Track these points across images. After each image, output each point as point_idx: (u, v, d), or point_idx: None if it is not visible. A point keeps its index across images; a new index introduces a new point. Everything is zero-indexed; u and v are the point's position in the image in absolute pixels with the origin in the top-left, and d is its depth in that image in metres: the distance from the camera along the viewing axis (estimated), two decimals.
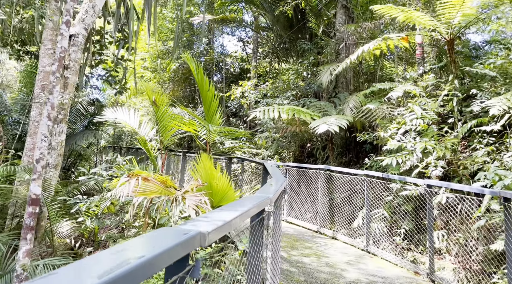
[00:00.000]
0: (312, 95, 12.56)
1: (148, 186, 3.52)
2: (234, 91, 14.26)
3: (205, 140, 6.93)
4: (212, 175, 4.11)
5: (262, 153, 13.02)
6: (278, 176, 4.00)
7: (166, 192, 3.67)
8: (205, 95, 5.34)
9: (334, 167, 8.31)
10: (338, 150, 11.34)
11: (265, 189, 3.04)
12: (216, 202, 4.22)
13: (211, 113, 5.39)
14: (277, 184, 3.39)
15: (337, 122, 8.62)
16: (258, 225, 2.62)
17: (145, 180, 3.59)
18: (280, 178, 3.75)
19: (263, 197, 2.58)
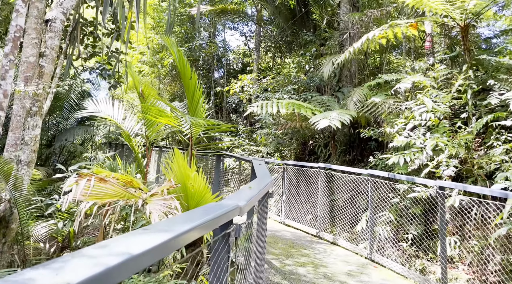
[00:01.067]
0: (314, 89, 11.88)
1: (103, 188, 2.90)
2: (233, 86, 13.61)
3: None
4: (187, 174, 3.49)
5: (262, 150, 12.37)
6: (263, 177, 3.36)
7: (127, 195, 3.04)
8: (187, 84, 4.72)
9: (335, 166, 7.65)
10: (341, 148, 10.67)
11: (238, 195, 2.41)
12: (192, 207, 3.60)
13: (194, 105, 4.77)
14: (258, 187, 2.75)
15: (339, 117, 7.96)
16: (221, 243, 1.98)
17: (100, 180, 2.97)
18: (263, 180, 3.12)
19: (228, 206, 1.95)
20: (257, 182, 3.05)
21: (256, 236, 3.23)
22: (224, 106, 18.45)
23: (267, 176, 3.48)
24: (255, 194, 2.43)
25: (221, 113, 19.00)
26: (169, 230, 1.33)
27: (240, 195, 2.37)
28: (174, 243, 1.22)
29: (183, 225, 1.42)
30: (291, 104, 9.21)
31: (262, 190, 2.80)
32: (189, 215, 1.68)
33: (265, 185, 2.89)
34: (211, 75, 19.29)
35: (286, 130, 11.58)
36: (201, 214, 1.83)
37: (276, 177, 9.72)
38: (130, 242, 1.11)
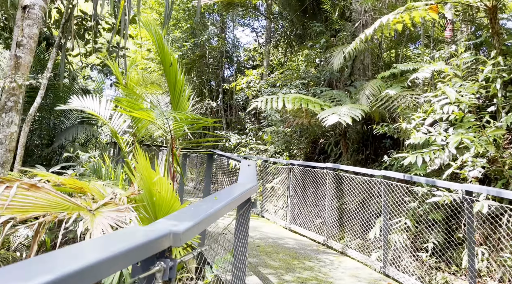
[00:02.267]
0: (325, 84, 11.10)
1: (30, 198, 2.26)
2: (240, 82, 12.92)
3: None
4: (151, 178, 2.82)
5: (269, 150, 11.66)
6: (242, 183, 2.67)
7: (65, 206, 2.39)
8: (168, 72, 4.06)
9: (344, 166, 6.89)
10: (353, 146, 9.88)
11: (186, 211, 1.72)
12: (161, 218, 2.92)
13: (176, 96, 4.10)
14: (226, 198, 2.05)
15: (350, 112, 7.20)
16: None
17: (31, 187, 2.32)
18: (238, 188, 2.44)
19: (151, 234, 1.26)
20: (228, 191, 2.35)
21: (233, 265, 2.54)
22: (233, 104, 17.82)
23: (250, 181, 2.79)
24: (214, 210, 1.73)
25: (230, 111, 18.36)
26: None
27: (189, 212, 1.67)
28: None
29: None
30: (298, 99, 8.48)
31: (232, 201, 2.10)
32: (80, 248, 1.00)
33: (239, 194, 2.20)
34: (219, 72, 18.65)
35: (294, 128, 10.85)
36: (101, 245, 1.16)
37: (283, 177, 9.00)
38: None
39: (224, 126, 17.44)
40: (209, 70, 18.55)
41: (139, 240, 1.15)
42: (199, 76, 18.54)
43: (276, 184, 9.50)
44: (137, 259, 1.21)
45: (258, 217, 8.59)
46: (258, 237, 6.42)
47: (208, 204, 1.80)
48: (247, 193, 2.43)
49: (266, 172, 9.08)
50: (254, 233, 6.69)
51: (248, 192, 2.44)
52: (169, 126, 3.81)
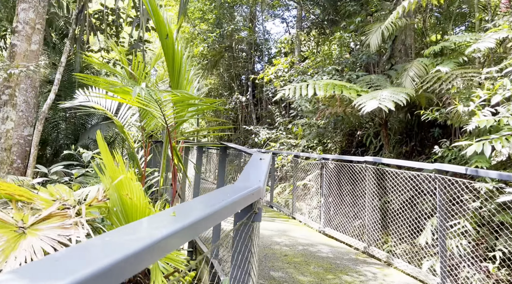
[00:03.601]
0: (362, 69, 9.99)
1: None
2: (267, 72, 12.02)
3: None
4: (120, 181, 2.02)
5: (301, 144, 10.70)
6: (239, 185, 1.81)
7: None
8: (165, 45, 3.26)
9: (387, 159, 5.86)
10: (395, 137, 8.76)
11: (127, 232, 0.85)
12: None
13: (175, 75, 3.28)
14: (194, 216, 1.17)
15: (393, 97, 6.15)
16: None
17: None
18: (221, 195, 1.56)
19: None
20: (206, 200, 1.47)
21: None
22: (264, 98, 16.97)
23: (253, 181, 1.92)
24: (149, 243, 0.87)
25: (260, 105, 17.52)
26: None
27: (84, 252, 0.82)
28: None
29: None
30: (330, 85, 7.50)
31: (204, 218, 1.23)
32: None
33: (221, 206, 1.32)
34: (249, 65, 17.83)
35: (327, 119, 9.83)
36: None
37: (316, 174, 8.04)
38: None
39: (254, 122, 16.62)
40: (239, 64, 17.79)
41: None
42: (228, 70, 17.81)
43: (309, 181, 8.57)
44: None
45: (288, 219, 7.68)
46: (286, 244, 5.53)
47: (155, 233, 0.94)
48: (241, 201, 1.55)
49: (297, 168, 8.15)
50: (282, 239, 5.80)
51: (242, 198, 1.56)
52: (161, 111, 3.01)
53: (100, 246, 0.75)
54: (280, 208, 8.70)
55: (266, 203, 9.28)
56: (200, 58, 15.56)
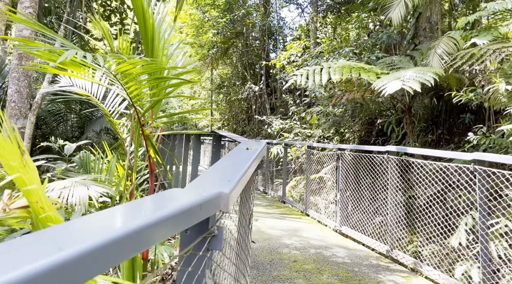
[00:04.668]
0: (383, 51, 9.14)
1: None
2: (280, 58, 11.25)
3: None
4: (22, 181, 1.39)
5: (315, 134, 9.95)
6: (192, 187, 1.13)
7: None
8: (136, 5, 2.59)
9: (412, 149, 5.09)
10: (420, 125, 7.94)
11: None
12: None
13: (149, 42, 2.61)
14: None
15: (418, 76, 5.35)
16: None
17: None
18: (173, 195, 0.89)
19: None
20: (104, 220, 0.80)
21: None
22: (278, 87, 16.22)
23: (218, 182, 1.24)
24: None
25: (274, 95, 16.78)
26: None
27: None
28: None
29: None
30: (347, 68, 6.73)
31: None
32: None
33: (123, 232, 0.63)
34: (262, 54, 17.08)
35: (344, 106, 9.04)
36: None
37: (331, 167, 7.31)
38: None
39: (268, 112, 15.91)
40: (252, 53, 17.07)
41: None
42: (240, 58, 17.11)
43: (326, 174, 7.84)
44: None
45: (301, 216, 6.99)
46: (296, 246, 4.85)
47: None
48: (179, 216, 0.87)
49: (311, 160, 7.44)
50: (292, 240, 5.12)
51: (181, 212, 0.88)
52: (120, 85, 2.35)
53: None
54: (293, 204, 8.01)
55: (279, 198, 8.61)
56: (209, 46, 14.89)
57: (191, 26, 15.64)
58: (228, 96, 18.25)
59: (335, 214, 6.15)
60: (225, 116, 20.20)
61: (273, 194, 9.12)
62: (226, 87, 18.70)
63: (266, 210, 7.30)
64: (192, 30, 16.27)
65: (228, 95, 18.22)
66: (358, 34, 9.72)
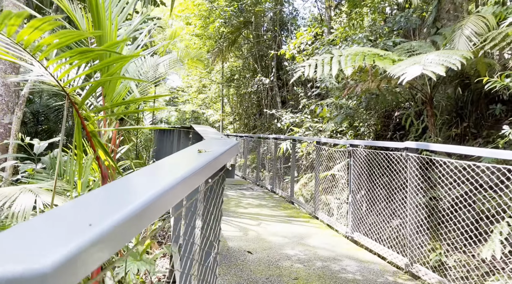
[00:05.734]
0: (400, 36, 8.35)
1: None
2: (289, 47, 10.53)
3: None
4: None
5: (327, 128, 9.23)
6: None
7: None
8: None
9: (436, 145, 4.36)
10: (442, 118, 7.17)
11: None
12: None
13: (93, 7, 1.99)
14: None
15: (442, 60, 4.62)
16: None
17: None
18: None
19: None
20: None
21: None
22: (289, 79, 15.50)
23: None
24: None
25: (285, 87, 16.07)
26: None
27: None
28: None
29: None
30: (360, 55, 6.02)
31: None
32: None
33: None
34: (273, 45, 16.35)
35: (358, 98, 8.31)
36: None
37: (342, 165, 6.62)
38: None
39: (279, 105, 15.22)
40: (263, 44, 16.36)
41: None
42: (250, 49, 16.42)
43: (339, 171, 7.16)
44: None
45: (309, 218, 6.33)
46: (300, 258, 4.20)
47: None
48: None
49: (320, 157, 6.75)
50: (296, 250, 4.47)
51: None
52: (37, 63, 1.73)
53: None
54: (301, 205, 7.36)
55: (287, 197, 7.96)
56: (216, 37, 14.25)
57: (198, 17, 15.01)
58: (238, 89, 17.63)
59: (347, 218, 5.47)
60: (236, 110, 19.60)
61: (281, 193, 8.48)
62: (237, 80, 18.07)
63: (271, 212, 6.66)
64: (200, 22, 15.64)
65: (238, 89, 17.60)
66: (373, 19, 8.93)
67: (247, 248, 4.45)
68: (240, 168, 12.37)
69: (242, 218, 5.99)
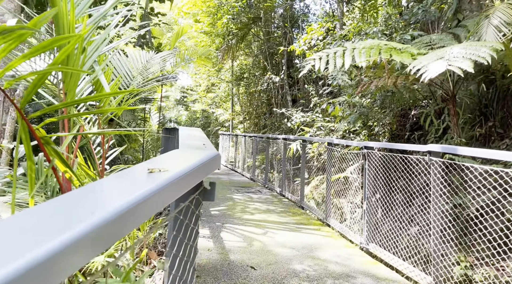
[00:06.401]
0: (418, 30, 7.82)
1: None
2: (299, 42, 10.06)
3: None
4: None
5: (339, 128, 8.75)
6: None
7: None
8: None
9: (465, 149, 3.87)
10: (464, 116, 6.65)
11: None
12: None
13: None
14: None
15: (469, 53, 4.14)
16: None
17: None
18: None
19: None
20: None
21: None
22: (300, 77, 15.01)
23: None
24: None
25: (297, 86, 15.58)
26: None
27: None
28: None
29: None
30: (375, 49, 5.55)
31: None
32: None
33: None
34: (283, 41, 15.87)
35: (372, 96, 7.80)
36: None
37: (356, 168, 6.16)
38: None
39: (289, 104, 14.75)
40: (274, 41, 15.89)
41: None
42: (259, 47, 15.98)
43: (351, 173, 6.70)
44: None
45: (320, 226, 5.87)
46: (309, 275, 3.76)
47: None
48: None
49: (332, 159, 6.29)
50: (305, 265, 4.02)
51: None
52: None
53: None
54: (312, 210, 6.90)
55: (297, 202, 7.52)
56: (224, 33, 13.83)
57: (206, 14, 14.60)
58: (248, 88, 17.21)
59: (361, 227, 5.00)
60: (246, 109, 19.18)
61: (290, 197, 8.03)
62: (246, 79, 17.65)
63: (279, 218, 6.22)
64: (209, 19, 15.25)
65: (248, 87, 17.18)
66: (388, 12, 8.40)
67: (251, 262, 4.02)
68: (249, 169, 11.95)
69: (247, 225, 5.57)
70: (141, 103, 12.62)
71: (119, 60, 4.21)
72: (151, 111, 14.91)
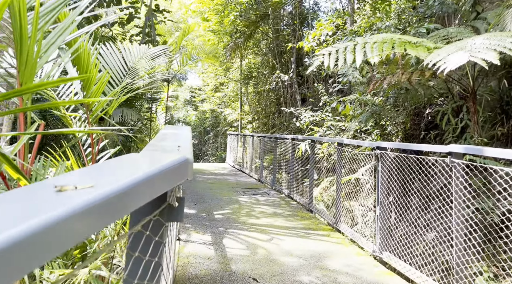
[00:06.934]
0: (433, 23, 7.41)
1: None
2: (308, 39, 9.69)
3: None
4: None
5: (350, 127, 8.37)
6: None
7: None
8: None
9: (491, 149, 3.50)
10: (483, 115, 6.24)
11: None
12: None
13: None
14: None
15: (493, 44, 3.77)
16: None
17: None
18: None
19: None
20: None
21: None
22: (310, 76, 14.64)
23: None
24: None
25: (306, 84, 15.22)
26: None
27: None
28: None
29: None
30: (388, 43, 5.20)
31: None
32: None
33: None
34: (292, 39, 15.51)
35: (385, 93, 7.42)
36: None
37: (368, 169, 5.80)
38: None
39: (299, 103, 14.39)
40: (282, 39, 15.55)
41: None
42: (268, 45, 15.65)
43: (363, 175, 6.34)
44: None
45: (330, 231, 5.52)
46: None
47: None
48: None
49: (342, 161, 5.93)
50: (312, 276, 3.68)
51: None
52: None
53: None
54: (321, 214, 6.55)
55: (305, 205, 7.17)
56: (232, 31, 13.52)
57: (214, 12, 14.32)
58: (256, 87, 16.89)
59: (374, 233, 4.64)
60: (255, 109, 18.86)
61: (299, 199, 7.68)
62: (255, 78, 17.32)
63: (286, 222, 5.88)
64: (217, 17, 14.96)
65: (256, 86, 16.86)
66: (401, 6, 8.01)
67: (254, 273, 3.70)
68: (256, 170, 11.63)
69: (252, 230, 5.25)
70: (147, 102, 12.36)
71: (106, 54, 3.93)
72: (157, 111, 14.67)
